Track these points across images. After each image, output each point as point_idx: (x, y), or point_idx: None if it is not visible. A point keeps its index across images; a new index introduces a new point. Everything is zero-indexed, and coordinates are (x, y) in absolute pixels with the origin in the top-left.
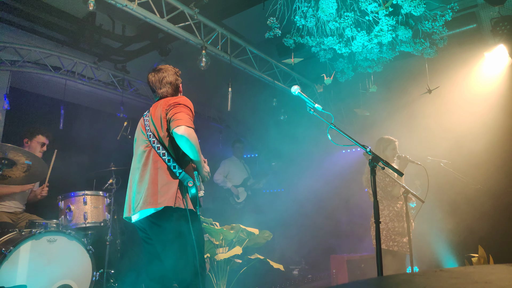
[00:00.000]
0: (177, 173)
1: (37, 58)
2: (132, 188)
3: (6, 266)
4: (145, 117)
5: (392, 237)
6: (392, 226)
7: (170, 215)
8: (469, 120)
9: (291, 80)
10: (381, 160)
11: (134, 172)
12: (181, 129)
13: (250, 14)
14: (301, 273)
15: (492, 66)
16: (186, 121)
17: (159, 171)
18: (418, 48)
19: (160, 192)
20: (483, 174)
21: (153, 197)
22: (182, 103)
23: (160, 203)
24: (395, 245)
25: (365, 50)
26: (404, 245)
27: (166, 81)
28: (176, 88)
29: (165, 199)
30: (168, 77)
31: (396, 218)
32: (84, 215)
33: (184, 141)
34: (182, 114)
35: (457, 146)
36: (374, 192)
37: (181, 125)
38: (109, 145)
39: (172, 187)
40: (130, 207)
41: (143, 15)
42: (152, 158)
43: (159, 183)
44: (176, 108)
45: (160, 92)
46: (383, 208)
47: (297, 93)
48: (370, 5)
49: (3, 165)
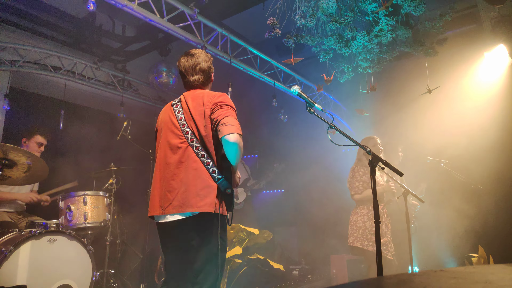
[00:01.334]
0: (216, 178)
1: (37, 58)
2: (162, 185)
3: (6, 266)
4: (175, 107)
5: (368, 237)
6: (370, 226)
7: (208, 220)
8: (468, 120)
9: (291, 80)
10: (381, 160)
11: (165, 168)
12: (233, 137)
13: (250, 14)
14: (301, 273)
15: (492, 66)
16: (237, 127)
17: (197, 172)
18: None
19: (199, 195)
20: (483, 174)
21: (193, 200)
22: (230, 105)
23: (200, 207)
24: (370, 245)
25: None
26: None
27: (200, 68)
28: (208, 76)
29: (205, 203)
30: (202, 63)
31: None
32: (84, 215)
33: (234, 149)
34: (232, 119)
35: (457, 146)
36: (374, 192)
37: (234, 132)
38: (109, 145)
39: (211, 192)
40: (158, 205)
41: (143, 15)
42: (190, 157)
43: (197, 186)
44: (225, 110)
45: (192, 80)
46: (363, 206)
47: (297, 93)
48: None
49: (3, 165)
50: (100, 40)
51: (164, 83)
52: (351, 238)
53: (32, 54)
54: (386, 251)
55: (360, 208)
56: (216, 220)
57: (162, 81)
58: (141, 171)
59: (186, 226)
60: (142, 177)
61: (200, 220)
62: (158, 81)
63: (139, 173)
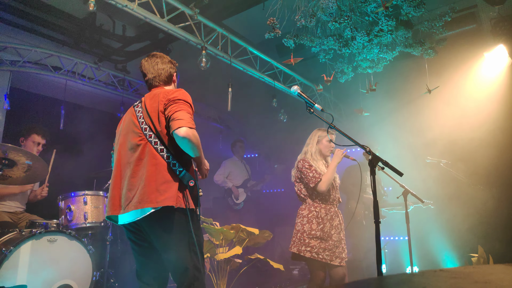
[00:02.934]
0: (177, 171)
1: (37, 58)
2: (122, 184)
3: (7, 266)
4: (136, 108)
5: (305, 241)
6: (308, 228)
7: (171, 215)
8: (468, 120)
9: (291, 80)
10: (380, 160)
11: (124, 167)
12: (182, 130)
13: (250, 14)
14: (301, 273)
15: (492, 66)
16: (187, 121)
17: (157, 167)
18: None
19: (159, 191)
20: (482, 174)
21: (151, 195)
22: (182, 99)
23: (159, 202)
24: (307, 251)
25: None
26: (321, 252)
27: (159, 67)
28: (169, 76)
29: (165, 198)
30: (162, 63)
31: (315, 220)
32: (85, 215)
33: (185, 143)
34: (182, 113)
35: (457, 146)
36: (374, 192)
37: (182, 126)
38: (110, 145)
39: (172, 186)
40: (118, 204)
41: (143, 15)
42: (149, 153)
43: (157, 181)
44: (176, 105)
45: (152, 78)
46: (305, 207)
47: (297, 93)
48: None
49: (3, 165)
50: (100, 40)
51: None
52: (290, 243)
53: (32, 54)
54: (330, 256)
55: (301, 209)
56: (182, 214)
57: None
58: None
59: (148, 223)
60: None
61: (162, 216)
62: None
63: None
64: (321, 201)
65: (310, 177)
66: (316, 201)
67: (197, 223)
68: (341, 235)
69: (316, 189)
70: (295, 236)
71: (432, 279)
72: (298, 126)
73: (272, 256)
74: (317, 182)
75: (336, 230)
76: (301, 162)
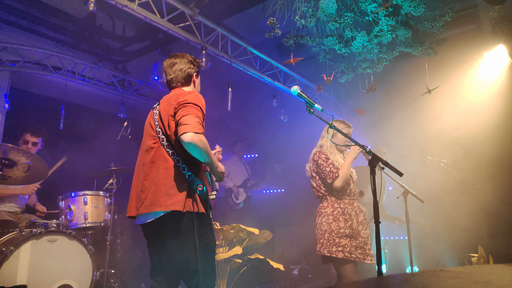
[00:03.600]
0: (186, 175)
1: (37, 58)
2: (137, 186)
3: (7, 266)
4: (154, 110)
5: (335, 241)
6: (336, 227)
7: (180, 219)
8: (468, 120)
9: (291, 80)
10: (380, 160)
11: (140, 169)
12: (187, 136)
13: (250, 14)
14: (301, 273)
15: (492, 66)
16: (193, 126)
17: (167, 171)
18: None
19: (168, 194)
20: (482, 173)
21: (161, 199)
22: (192, 102)
23: (167, 205)
24: (339, 251)
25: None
26: (353, 250)
27: (177, 68)
28: (187, 76)
29: (174, 202)
30: (180, 63)
31: (341, 217)
32: (85, 215)
33: (191, 148)
34: (189, 117)
35: (457, 146)
36: (374, 192)
37: (187, 131)
38: (109, 145)
39: (181, 190)
40: (134, 206)
41: (143, 15)
42: (162, 157)
43: (167, 184)
44: (185, 108)
45: (169, 79)
46: (327, 204)
47: (297, 93)
48: (370, 5)
49: (3, 165)
50: (100, 40)
51: (164, 83)
52: (318, 245)
53: (32, 54)
54: (363, 255)
55: (323, 207)
56: (188, 219)
57: (162, 81)
58: None
59: (159, 226)
60: None
61: (171, 219)
62: (158, 81)
63: None
64: (344, 196)
65: (327, 172)
66: (339, 196)
67: (208, 226)
68: (367, 231)
69: (332, 185)
70: (322, 237)
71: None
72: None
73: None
74: (334, 177)
75: (363, 226)
76: (317, 154)
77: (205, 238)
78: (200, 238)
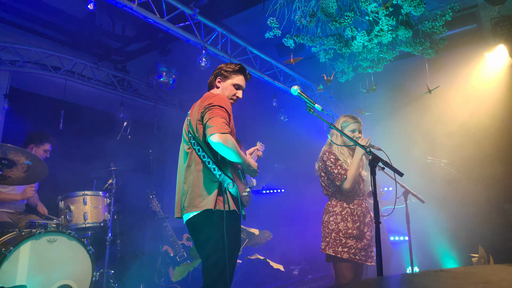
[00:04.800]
0: (217, 175)
1: (37, 58)
2: (180, 189)
3: (6, 266)
4: (187, 117)
5: (342, 241)
6: (344, 227)
7: (210, 217)
8: (469, 120)
9: (291, 80)
10: (381, 160)
11: (180, 173)
12: (215, 137)
13: (250, 14)
14: (301, 273)
15: (492, 66)
16: (219, 127)
17: (200, 173)
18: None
19: (201, 195)
20: (483, 174)
21: (196, 200)
22: (217, 104)
23: (202, 206)
24: (345, 252)
25: (365, 50)
26: (358, 252)
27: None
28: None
29: (206, 202)
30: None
31: (350, 218)
32: (84, 215)
33: (220, 148)
34: (216, 119)
35: (457, 146)
36: (374, 192)
37: (215, 132)
38: (109, 145)
39: (212, 190)
40: (180, 208)
41: (143, 15)
42: (195, 160)
43: (200, 186)
44: (211, 111)
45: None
46: (336, 203)
47: (297, 93)
48: (370, 5)
49: (3, 165)
50: (100, 40)
51: (164, 83)
52: (324, 243)
53: (32, 54)
54: (365, 257)
55: (332, 206)
56: (217, 217)
57: (162, 81)
58: (141, 171)
59: (191, 225)
60: (142, 177)
61: (201, 218)
62: (158, 81)
63: (139, 173)
64: (353, 196)
65: (335, 174)
66: (348, 196)
67: (236, 223)
68: (372, 233)
69: (341, 187)
70: (329, 236)
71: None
72: (298, 126)
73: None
74: (342, 180)
75: (368, 228)
76: (326, 154)
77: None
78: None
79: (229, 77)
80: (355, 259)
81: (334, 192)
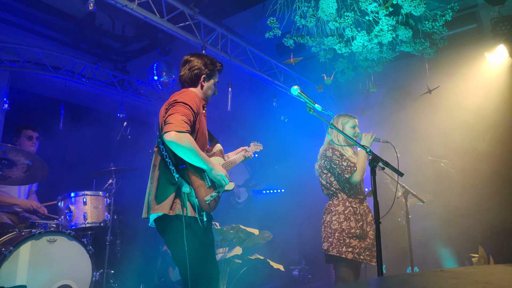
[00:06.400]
0: (175, 177)
1: (37, 58)
2: (148, 189)
3: (6, 266)
4: None
5: (346, 241)
6: (347, 226)
7: (168, 221)
8: (469, 120)
9: (291, 80)
10: (381, 160)
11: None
12: (169, 135)
13: (250, 14)
14: (301, 273)
15: (492, 66)
16: (176, 124)
17: (161, 174)
18: (418, 48)
19: (157, 197)
20: (483, 174)
21: (153, 202)
22: (181, 101)
23: (156, 209)
24: (349, 252)
25: (365, 50)
26: (362, 252)
27: (187, 66)
28: (193, 77)
29: (162, 205)
30: (193, 62)
31: (352, 217)
32: (84, 215)
33: (174, 147)
34: (175, 116)
35: (457, 146)
36: (374, 192)
37: (170, 130)
38: (109, 145)
39: (168, 192)
40: (147, 208)
41: (143, 15)
42: (159, 159)
43: (159, 187)
44: (173, 108)
45: (179, 76)
46: (338, 202)
47: (297, 93)
48: (370, 5)
49: (3, 165)
50: (100, 40)
51: (164, 83)
52: (326, 244)
53: (32, 54)
54: (370, 257)
55: (334, 205)
56: (176, 222)
57: (162, 81)
58: (141, 171)
59: (156, 227)
60: (142, 177)
61: (161, 222)
62: (158, 81)
63: (139, 173)
64: (356, 195)
65: (344, 166)
66: (351, 195)
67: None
68: (374, 233)
69: (351, 180)
70: (331, 236)
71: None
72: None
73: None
74: (352, 171)
75: (371, 227)
76: (330, 150)
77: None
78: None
79: (213, 75)
80: (360, 259)
81: (336, 191)
